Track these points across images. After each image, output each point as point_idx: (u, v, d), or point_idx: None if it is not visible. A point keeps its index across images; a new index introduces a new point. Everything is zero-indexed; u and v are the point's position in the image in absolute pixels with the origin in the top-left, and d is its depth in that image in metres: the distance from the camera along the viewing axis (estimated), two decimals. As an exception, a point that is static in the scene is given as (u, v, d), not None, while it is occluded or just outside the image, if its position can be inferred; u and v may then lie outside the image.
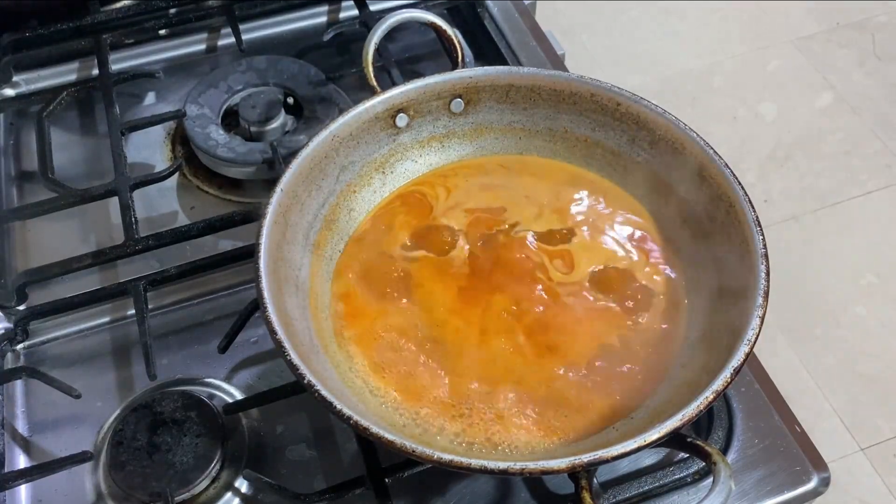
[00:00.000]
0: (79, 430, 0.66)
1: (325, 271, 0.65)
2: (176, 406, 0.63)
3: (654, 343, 0.61)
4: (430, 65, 0.92)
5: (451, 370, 0.59)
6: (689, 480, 0.62)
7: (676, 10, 2.27)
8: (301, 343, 0.56)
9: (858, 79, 2.11)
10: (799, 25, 2.23)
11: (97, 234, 0.79)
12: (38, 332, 0.72)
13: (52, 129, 0.83)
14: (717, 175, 0.62)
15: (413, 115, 0.70)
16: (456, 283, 0.64)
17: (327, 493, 0.60)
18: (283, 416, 0.66)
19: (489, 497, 0.62)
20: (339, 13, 0.97)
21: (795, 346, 1.64)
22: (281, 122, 0.83)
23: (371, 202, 0.70)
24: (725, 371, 0.51)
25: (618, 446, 0.48)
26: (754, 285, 0.55)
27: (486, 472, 0.48)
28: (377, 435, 0.49)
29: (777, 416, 0.65)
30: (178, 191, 0.82)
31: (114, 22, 0.90)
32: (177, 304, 0.74)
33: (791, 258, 1.76)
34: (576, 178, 0.71)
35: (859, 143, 1.98)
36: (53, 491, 0.63)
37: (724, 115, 2.03)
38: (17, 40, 0.89)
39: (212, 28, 0.95)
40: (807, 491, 0.62)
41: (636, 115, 0.67)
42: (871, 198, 1.88)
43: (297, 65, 0.88)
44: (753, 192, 1.10)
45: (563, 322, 0.61)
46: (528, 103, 0.71)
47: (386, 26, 0.70)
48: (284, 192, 0.62)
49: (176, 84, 0.91)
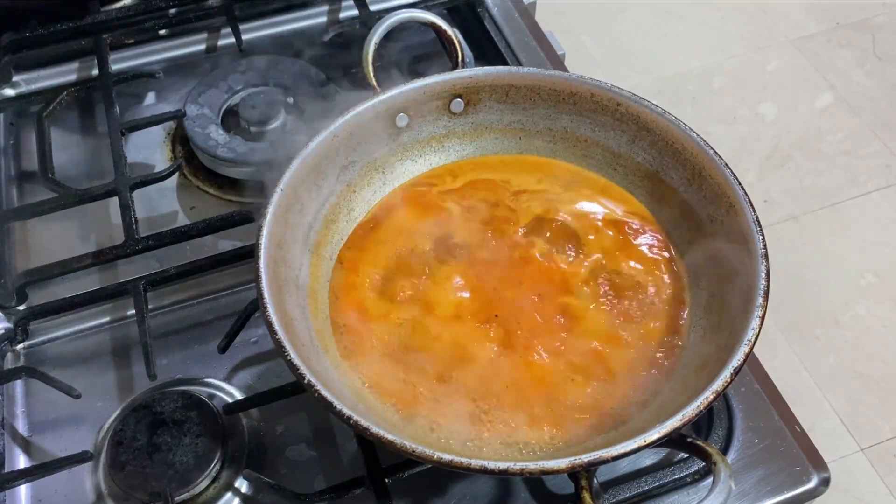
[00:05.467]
0: (79, 430, 0.66)
1: (325, 271, 0.65)
2: (176, 406, 0.63)
3: (653, 343, 0.61)
4: (430, 65, 0.91)
5: (452, 370, 0.59)
6: (689, 480, 0.62)
7: (676, 10, 2.27)
8: (301, 343, 0.56)
9: (858, 79, 2.11)
10: (799, 25, 2.23)
11: (97, 234, 0.79)
12: (38, 332, 0.72)
13: (52, 129, 0.83)
14: (717, 175, 0.62)
15: (413, 115, 0.70)
16: (457, 284, 0.64)
17: (327, 493, 0.60)
18: (283, 416, 0.66)
19: (489, 497, 0.62)
20: (339, 13, 0.97)
21: (795, 346, 1.64)
22: (281, 122, 0.83)
23: (371, 202, 0.70)
24: (725, 371, 0.51)
25: (618, 446, 0.48)
26: (754, 285, 0.55)
27: (485, 472, 0.48)
28: (377, 435, 0.49)
29: (777, 416, 0.65)
30: (178, 191, 0.82)
31: (114, 22, 0.90)
32: (177, 304, 0.74)
33: (791, 258, 1.76)
34: (576, 178, 0.71)
35: (859, 143, 1.98)
36: (53, 491, 0.63)
37: (724, 115, 2.03)
38: (17, 40, 0.89)
39: (212, 28, 0.95)
40: (807, 491, 0.62)
41: (636, 115, 0.67)
42: (871, 198, 1.88)
43: (297, 65, 0.88)
44: (753, 192, 1.11)
45: (562, 322, 0.61)
46: (528, 103, 0.71)
47: (386, 26, 0.70)
48: (284, 192, 0.62)
49: (176, 84, 0.91)
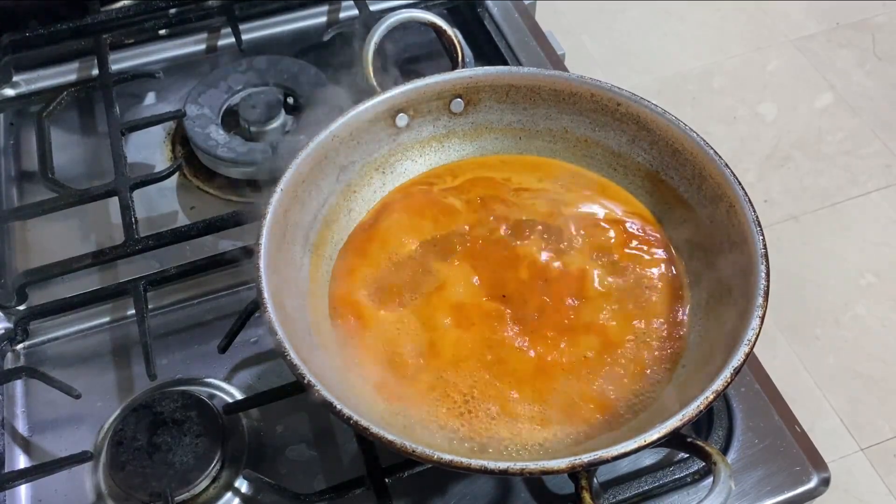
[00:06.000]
0: (79, 430, 0.66)
1: (324, 271, 0.65)
2: (176, 406, 0.63)
3: (653, 342, 0.61)
4: (430, 65, 0.91)
5: (452, 370, 0.59)
6: (689, 480, 0.62)
7: (676, 10, 2.26)
8: (301, 343, 0.56)
9: (858, 79, 2.11)
10: (799, 25, 2.23)
11: (97, 234, 0.79)
12: (38, 332, 0.72)
13: (52, 129, 0.83)
14: (717, 175, 0.62)
15: (413, 115, 0.70)
16: (458, 283, 0.64)
17: (327, 493, 0.60)
18: (283, 416, 0.66)
19: (489, 497, 0.62)
20: (339, 13, 0.97)
21: (795, 346, 1.64)
22: (281, 122, 0.83)
23: (371, 202, 0.70)
24: (725, 371, 0.51)
25: (618, 446, 0.48)
26: (754, 285, 0.55)
27: (486, 472, 0.48)
28: (377, 435, 0.49)
29: (777, 416, 0.65)
30: (178, 191, 0.82)
31: (114, 22, 0.90)
32: (177, 304, 0.74)
33: (791, 258, 1.76)
34: (576, 178, 0.71)
35: (859, 143, 1.98)
36: (53, 491, 0.63)
37: (723, 115, 2.03)
38: (17, 40, 0.89)
39: (212, 28, 0.95)
40: (807, 491, 0.62)
41: (636, 116, 0.67)
42: (871, 198, 1.88)
43: (297, 65, 0.88)
44: (753, 192, 1.10)
45: (563, 322, 0.61)
46: (528, 103, 0.71)
47: (386, 26, 0.70)
48: (284, 192, 0.62)
49: (176, 84, 0.91)
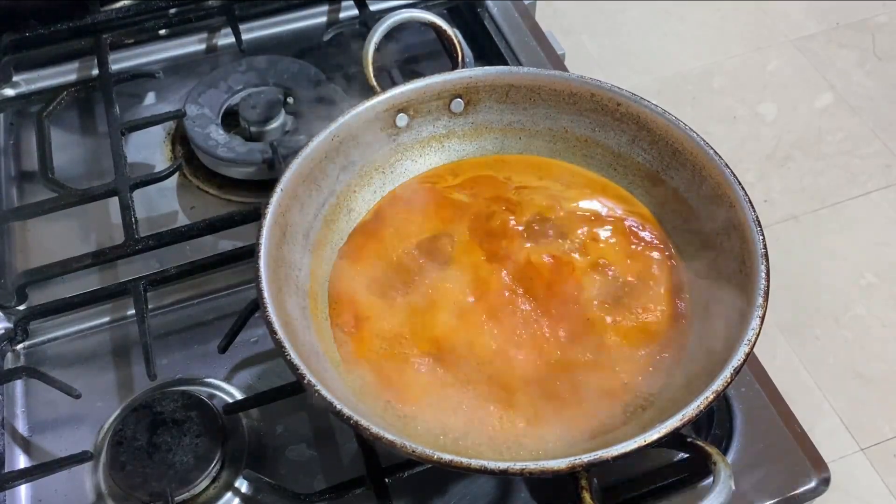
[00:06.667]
0: (79, 430, 0.66)
1: (324, 271, 0.65)
2: (176, 406, 0.63)
3: (653, 342, 0.61)
4: (430, 65, 0.91)
5: (452, 370, 0.59)
6: (689, 480, 0.62)
7: (676, 10, 2.26)
8: (301, 343, 0.56)
9: (858, 79, 2.11)
10: (799, 25, 2.23)
11: (97, 234, 0.79)
12: (38, 332, 0.72)
13: (52, 129, 0.83)
14: (717, 175, 0.62)
15: (413, 115, 0.70)
16: (458, 282, 0.64)
17: (327, 493, 0.60)
18: (283, 416, 0.66)
19: (489, 497, 0.62)
20: (339, 13, 0.97)
21: (795, 346, 1.64)
22: (281, 122, 0.83)
23: (371, 202, 0.70)
24: (725, 371, 0.51)
25: (618, 446, 0.48)
26: (754, 285, 0.55)
27: (485, 472, 0.48)
28: (377, 435, 0.49)
29: (777, 416, 0.65)
30: (178, 191, 0.82)
31: (114, 22, 0.90)
32: (177, 304, 0.74)
33: (791, 258, 1.76)
34: (576, 177, 0.71)
35: (859, 143, 1.98)
36: (53, 491, 0.63)
37: (723, 115, 2.03)
38: (17, 40, 0.89)
39: (212, 28, 0.95)
40: (807, 491, 0.62)
41: (636, 116, 0.67)
42: (871, 198, 1.88)
43: (297, 65, 0.88)
44: (753, 192, 1.10)
45: (563, 322, 0.61)
46: (528, 103, 0.71)
47: (386, 26, 0.70)
48: (284, 192, 0.62)
49: (176, 84, 0.91)
